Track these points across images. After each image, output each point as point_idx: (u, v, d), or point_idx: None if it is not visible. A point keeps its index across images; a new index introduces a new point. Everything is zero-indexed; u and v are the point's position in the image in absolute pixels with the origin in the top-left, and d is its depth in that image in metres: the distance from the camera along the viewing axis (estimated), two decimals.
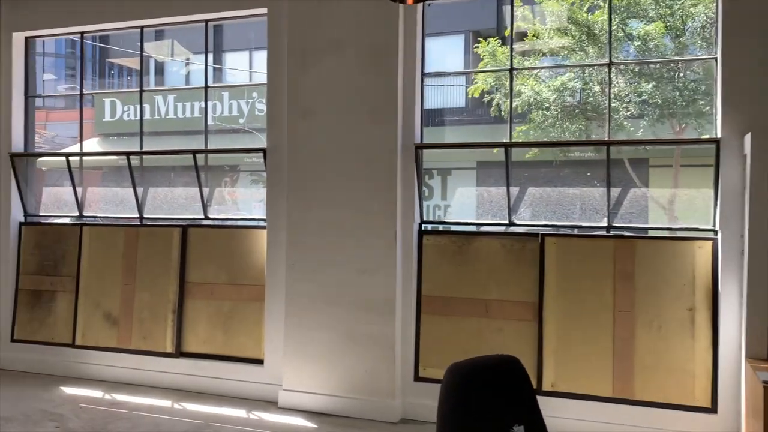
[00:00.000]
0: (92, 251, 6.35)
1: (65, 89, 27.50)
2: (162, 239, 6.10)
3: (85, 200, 6.50)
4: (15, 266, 6.58)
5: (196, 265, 5.99)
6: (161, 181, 6.72)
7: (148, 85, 18.33)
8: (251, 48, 17.51)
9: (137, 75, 20.86)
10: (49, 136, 18.35)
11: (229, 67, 18.20)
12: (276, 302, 5.53)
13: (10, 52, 6.52)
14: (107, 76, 27.06)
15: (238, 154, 15.20)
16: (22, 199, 6.60)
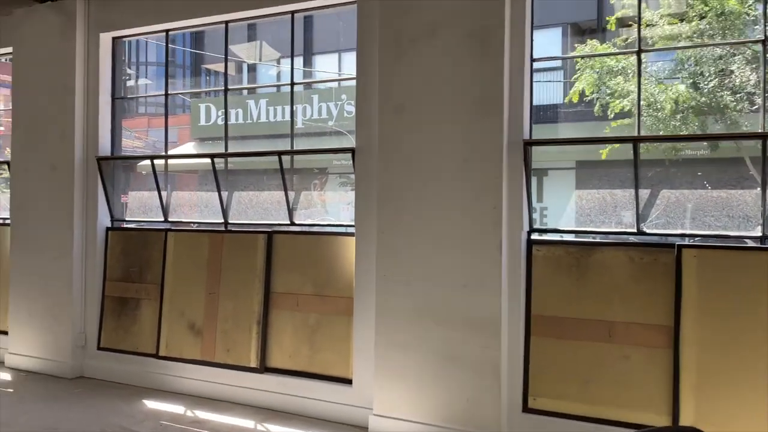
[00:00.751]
0: (177, 258, 6.09)
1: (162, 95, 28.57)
2: (247, 246, 5.75)
3: (170, 204, 6.26)
4: (102, 272, 6.43)
5: (281, 273, 5.59)
6: (247, 185, 6.38)
7: (242, 85, 18.48)
8: (340, 50, 17.29)
9: (232, 81, 21.16)
10: (150, 142, 18.89)
11: (319, 69, 18.00)
12: (365, 317, 5.02)
13: (98, 53, 6.39)
14: (203, 83, 27.78)
15: (326, 156, 15.02)
16: (108, 204, 6.45)
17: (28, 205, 6.63)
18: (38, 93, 6.58)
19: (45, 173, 6.50)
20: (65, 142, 6.38)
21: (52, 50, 6.48)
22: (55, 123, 6.45)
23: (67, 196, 6.36)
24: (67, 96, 6.37)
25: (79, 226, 6.39)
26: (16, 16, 6.68)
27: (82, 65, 6.40)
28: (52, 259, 6.44)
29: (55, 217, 6.42)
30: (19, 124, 6.71)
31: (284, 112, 15.99)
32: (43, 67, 6.55)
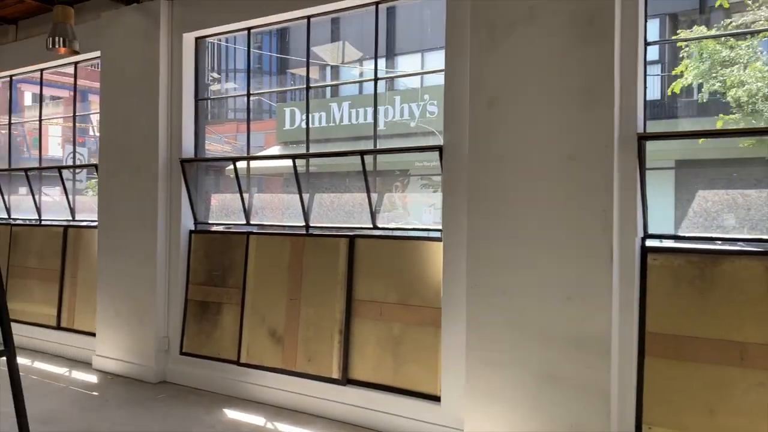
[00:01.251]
0: (258, 262, 5.91)
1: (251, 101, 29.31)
2: (328, 250, 5.47)
3: (252, 207, 6.09)
4: (185, 276, 6.35)
5: (364, 280, 5.27)
6: (329, 187, 6.12)
7: (324, 91, 18.51)
8: (423, 50, 16.94)
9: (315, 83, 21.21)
10: (239, 146, 19.22)
11: (402, 70, 17.72)
12: (455, 330, 4.61)
13: (181, 53, 6.32)
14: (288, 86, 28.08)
15: (408, 158, 14.68)
16: (192, 206, 6.36)
17: (114, 207, 6.65)
18: (124, 95, 6.59)
19: (130, 176, 6.50)
20: (149, 145, 6.35)
21: (136, 52, 6.47)
22: (140, 125, 6.43)
23: (151, 198, 6.32)
24: (151, 98, 6.33)
25: (163, 229, 6.33)
26: (104, 19, 6.72)
27: (166, 66, 6.35)
28: (137, 262, 6.42)
29: (140, 220, 6.40)
30: (107, 127, 6.75)
31: (366, 115, 15.80)
32: (128, 69, 6.56)
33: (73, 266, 7.42)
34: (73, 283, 7.39)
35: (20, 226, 8.09)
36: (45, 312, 7.58)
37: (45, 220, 7.89)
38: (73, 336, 7.20)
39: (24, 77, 8.32)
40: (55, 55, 7.47)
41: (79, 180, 11.46)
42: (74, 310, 7.34)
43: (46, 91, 7.44)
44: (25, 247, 7.96)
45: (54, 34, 4.80)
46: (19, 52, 7.90)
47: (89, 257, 7.18)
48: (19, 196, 8.47)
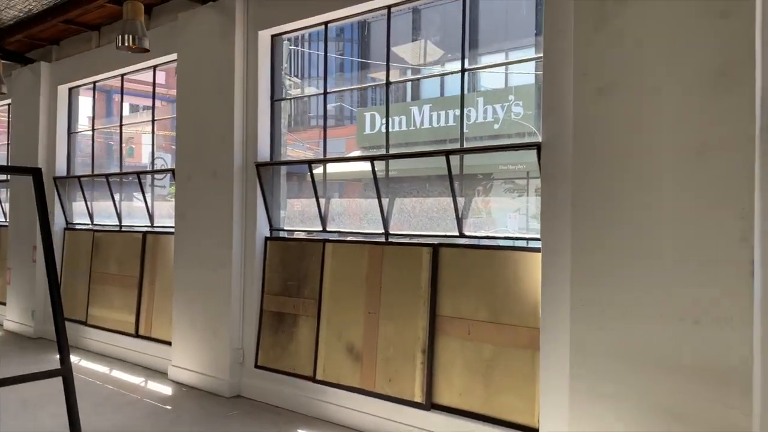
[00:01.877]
0: (334, 271, 5.51)
1: (332, 107, 29.34)
2: (409, 260, 5.00)
3: (328, 213, 5.71)
4: (260, 285, 6.05)
5: (450, 294, 4.75)
6: (410, 192, 5.64)
7: (404, 95, 18.12)
8: (506, 49, 16.25)
9: (395, 89, 20.90)
10: (321, 152, 19.07)
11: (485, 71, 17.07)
12: (556, 354, 4.02)
13: (257, 52, 6.04)
14: (368, 93, 27.96)
15: (492, 160, 14.00)
16: (267, 212, 6.05)
17: (189, 213, 6.45)
18: (200, 97, 6.39)
19: (206, 180, 6.28)
20: (225, 148, 6.10)
21: (212, 52, 6.25)
22: (216, 128, 6.20)
23: (226, 203, 6.07)
24: (226, 99, 6.09)
25: (238, 235, 6.06)
26: (180, 20, 6.55)
27: (241, 66, 6.08)
28: (211, 269, 6.18)
29: (215, 226, 6.16)
30: (183, 131, 6.57)
31: (448, 117, 15.26)
32: (204, 70, 6.35)
33: (151, 273, 7.31)
34: (151, 290, 7.28)
35: (102, 231, 8.10)
36: (124, 319, 7.51)
37: (125, 226, 7.85)
38: (151, 344, 7.07)
39: (124, 88, 8.31)
40: (134, 59, 7.42)
41: (162, 186, 11.55)
42: (152, 317, 7.22)
43: (139, 101, 7.38)
44: (106, 253, 7.95)
45: (124, 31, 4.62)
46: (100, 57, 7.92)
47: (167, 264, 7.03)
48: (106, 203, 8.49)
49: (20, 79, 9.01)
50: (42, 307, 8.61)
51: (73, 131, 8.71)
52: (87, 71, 8.11)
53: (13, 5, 7.53)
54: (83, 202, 8.34)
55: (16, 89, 9.15)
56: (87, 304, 8.06)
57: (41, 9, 7.52)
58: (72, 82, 8.42)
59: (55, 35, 8.41)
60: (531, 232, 5.96)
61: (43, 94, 8.63)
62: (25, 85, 8.90)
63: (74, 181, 8.41)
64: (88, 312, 8.04)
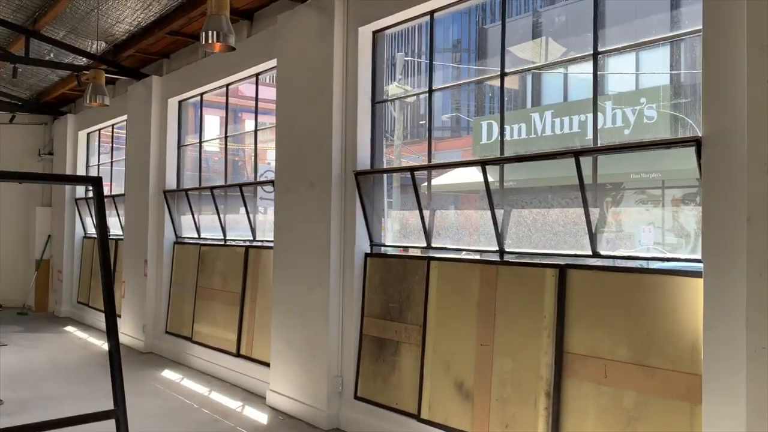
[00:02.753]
0: (441, 294, 4.81)
1: (447, 118, 28.51)
2: (530, 284, 4.20)
3: (433, 227, 5.03)
4: (359, 306, 5.47)
5: (581, 327, 3.90)
6: (529, 203, 4.84)
7: (523, 101, 17.13)
8: (638, 50, 14.86)
9: (515, 95, 19.91)
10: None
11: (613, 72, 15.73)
12: (725, 410, 3.07)
13: (357, 51, 5.50)
14: (486, 101, 27.10)
15: (623, 169, 12.71)
16: (367, 226, 5.47)
17: (287, 226, 6.02)
18: (298, 103, 5.96)
19: (303, 192, 5.82)
20: (322, 156, 5.60)
21: (310, 54, 5.80)
22: (314, 134, 5.73)
23: (323, 216, 5.56)
24: (324, 103, 5.60)
25: (337, 250, 5.53)
26: (279, 23, 6.17)
27: (341, 67, 5.57)
28: (309, 287, 5.69)
29: (312, 240, 5.67)
30: (282, 140, 6.17)
31: (572, 124, 14.15)
32: (302, 74, 5.92)
33: (253, 289, 6.98)
34: (253, 307, 6.94)
35: (207, 245, 7.92)
36: (226, 337, 7.23)
37: (230, 240, 7.60)
38: (251, 365, 6.71)
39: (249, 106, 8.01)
40: (235, 67, 7.17)
41: (270, 199, 11.39)
42: (253, 336, 6.87)
43: (265, 119, 7.12)
44: (211, 267, 7.74)
45: (207, 28, 4.25)
46: (205, 68, 7.77)
47: (267, 280, 6.65)
48: (213, 216, 8.29)
49: (135, 94, 9.13)
50: (152, 321, 8.59)
51: (182, 144, 8.66)
52: (193, 83, 8.01)
53: (122, 19, 7.56)
54: (191, 216, 8.22)
55: (131, 104, 9.29)
56: (192, 319, 7.90)
57: (148, 21, 7.48)
58: (181, 94, 8.36)
59: (165, 48, 8.41)
60: (669, 249, 4.94)
61: (154, 107, 8.66)
62: (139, 99, 9.00)
63: (183, 194, 8.32)
64: (193, 328, 7.87)
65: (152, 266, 8.63)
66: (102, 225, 3.06)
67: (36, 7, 7.69)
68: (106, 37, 8.25)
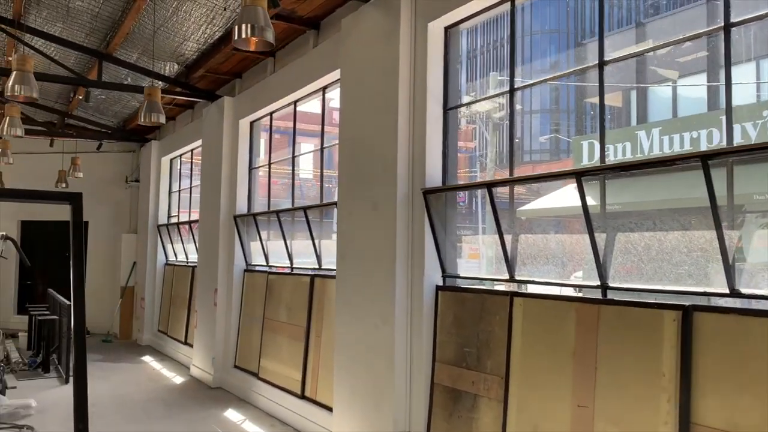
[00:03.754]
0: (527, 338, 3.89)
1: (545, 139, 27.12)
2: (642, 330, 3.22)
3: (517, 254, 4.13)
4: (430, 348, 4.63)
5: (716, 391, 2.87)
6: (639, 225, 3.85)
7: (628, 119, 15.75)
8: (758, 57, 13.26)
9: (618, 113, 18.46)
10: (534, 188, 17.49)
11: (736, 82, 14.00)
12: None
13: (426, 50, 4.75)
14: (587, 120, 25.62)
15: (746, 188, 11.13)
16: (438, 253, 4.64)
17: (350, 254, 5.30)
18: (361, 115, 5.27)
19: (366, 214, 5.09)
20: (387, 173, 4.86)
21: (375, 59, 5.12)
22: (378, 149, 5.01)
23: (388, 242, 4.80)
24: (390, 113, 4.87)
25: (403, 282, 4.73)
26: (343, 28, 5.54)
27: (408, 70, 4.84)
28: (373, 324, 4.92)
29: (377, 270, 4.91)
30: (345, 157, 5.49)
31: (683, 142, 12.72)
32: (366, 82, 5.24)
33: (318, 323, 6.30)
34: (318, 343, 6.25)
35: (275, 274, 7.35)
36: (291, 376, 6.57)
37: (296, 268, 6.99)
38: (314, 409, 6.00)
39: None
40: (299, 82, 6.62)
41: None
42: (317, 376, 6.17)
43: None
44: (278, 297, 7.16)
45: (241, 20, 3.66)
46: (273, 84, 7.29)
47: (333, 313, 5.95)
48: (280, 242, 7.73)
49: (208, 117, 8.83)
50: (221, 354, 8.11)
51: (253, 167, 8.23)
52: (263, 101, 7.55)
53: (189, 36, 7.24)
54: (259, 242, 7.72)
55: (205, 127, 9.01)
56: (259, 354, 7.33)
57: (214, 37, 7.11)
58: (251, 114, 7.94)
59: (235, 67, 8.04)
60: None
61: (225, 129, 8.30)
62: (212, 122, 8.69)
63: (251, 219, 7.84)
64: (260, 363, 7.29)
65: (222, 295, 8.19)
66: (77, 243, 2.56)
67: (107, 29, 7.54)
68: (177, 57, 8.00)
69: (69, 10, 7.16)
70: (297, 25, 6.46)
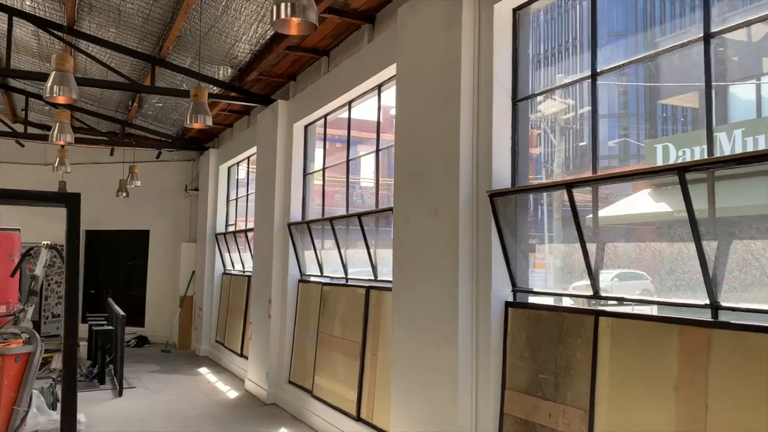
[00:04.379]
0: (617, 366, 3.28)
1: (614, 143, 25.98)
2: (761, 360, 2.57)
3: (601, 266, 3.52)
4: (499, 373, 4.06)
5: None
6: (761, 232, 3.18)
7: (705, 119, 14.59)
8: None
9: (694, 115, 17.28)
10: (603, 195, 16.60)
11: None
12: None
13: (491, 35, 4.22)
14: (658, 122, 24.28)
15: None
16: (507, 264, 4.08)
17: (407, 264, 4.79)
18: (420, 112, 4.77)
19: (425, 220, 4.58)
20: (448, 174, 4.34)
21: (434, 50, 4.61)
22: (438, 148, 4.49)
23: (450, 251, 4.27)
24: (451, 107, 4.35)
25: (467, 296, 4.19)
26: (400, 17, 5.07)
27: (471, 59, 4.32)
28: (433, 344, 4.39)
29: (437, 283, 4.39)
30: (401, 159, 5.00)
31: None
32: (424, 76, 4.74)
33: (374, 339, 5.82)
34: (374, 361, 5.76)
35: (329, 285, 6.92)
36: (346, 395, 6.11)
37: (351, 279, 6.54)
38: None
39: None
40: (355, 79, 6.19)
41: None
42: (374, 397, 5.68)
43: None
44: (332, 310, 6.72)
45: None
46: (327, 84, 6.90)
47: (389, 328, 5.45)
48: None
49: (263, 122, 8.54)
50: (276, 369, 7.74)
51: (308, 172, 7.85)
52: (317, 103, 7.16)
53: (241, 36, 6.94)
54: (313, 251, 7.32)
55: (259, 132, 8.73)
56: (314, 370, 6.90)
57: (266, 36, 6.77)
58: (305, 117, 7.57)
59: (289, 69, 7.71)
60: None
61: (279, 134, 7.97)
62: (266, 127, 8.39)
63: (305, 227, 7.45)
64: (314, 380, 6.86)
65: (276, 306, 7.83)
66: (72, 251, 2.17)
67: (158, 32, 7.34)
68: (230, 60, 7.73)
69: (120, 13, 6.99)
70: (351, 18, 6.04)
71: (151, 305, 12.97)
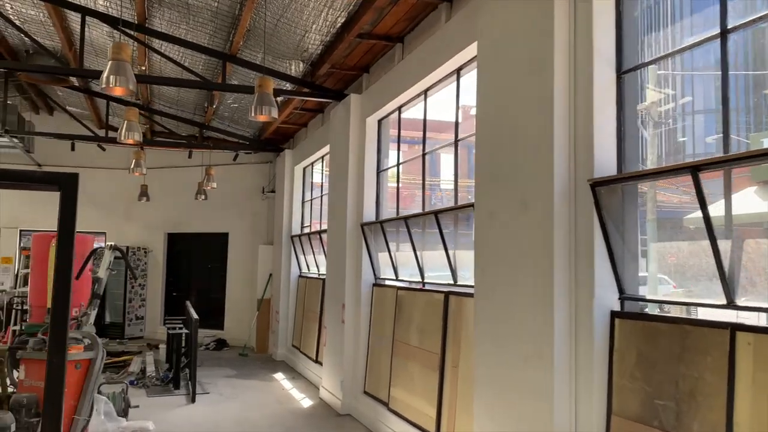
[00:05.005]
0: (762, 392, 2.59)
1: (711, 140, 24.31)
2: None
3: (737, 270, 2.83)
4: (604, 396, 3.41)
5: None
6: None
7: None
8: None
9: None
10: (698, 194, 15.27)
11: None
12: None
13: (591, 6, 3.59)
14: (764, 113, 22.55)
15: None
16: (614, 266, 3.44)
17: (492, 267, 4.22)
18: (506, 96, 4.20)
19: (512, 216, 3.99)
20: (540, 161, 3.74)
21: (522, 23, 4.05)
22: (527, 132, 3.91)
23: (543, 251, 3.66)
24: (542, 85, 3.76)
25: (564, 304, 3.57)
26: None
27: (565, 30, 3.72)
28: (521, 356, 3.80)
29: (527, 287, 3.79)
30: (483, 148, 4.43)
31: None
32: (510, 53, 4.16)
33: (454, 350, 5.26)
34: (454, 374, 5.21)
35: (405, 289, 6.42)
36: (424, 410, 5.59)
37: (428, 282, 6.01)
38: None
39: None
40: (431, 64, 5.67)
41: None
42: (455, 414, 5.12)
43: None
44: (408, 316, 6.22)
45: None
46: (401, 73, 6.42)
47: (470, 338, 4.89)
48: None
49: (336, 118, 8.17)
50: (350, 377, 7.31)
51: (381, 169, 7.40)
52: (390, 93, 6.70)
53: (310, 26, 6.57)
54: (388, 253, 6.84)
55: (332, 129, 8.37)
56: (389, 381, 6.42)
57: (336, 24, 6.37)
58: (378, 110, 7.12)
59: (362, 60, 7.29)
60: None
61: (352, 129, 7.56)
62: (339, 123, 8.01)
63: (379, 227, 7.00)
64: (390, 392, 6.38)
65: (350, 311, 7.41)
66: (65, 242, 1.78)
67: (228, 26, 7.10)
68: (301, 54, 7.39)
69: (189, 8, 6.79)
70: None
71: (230, 308, 12.92)
